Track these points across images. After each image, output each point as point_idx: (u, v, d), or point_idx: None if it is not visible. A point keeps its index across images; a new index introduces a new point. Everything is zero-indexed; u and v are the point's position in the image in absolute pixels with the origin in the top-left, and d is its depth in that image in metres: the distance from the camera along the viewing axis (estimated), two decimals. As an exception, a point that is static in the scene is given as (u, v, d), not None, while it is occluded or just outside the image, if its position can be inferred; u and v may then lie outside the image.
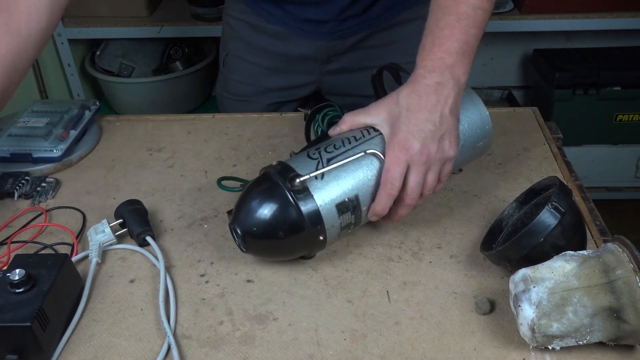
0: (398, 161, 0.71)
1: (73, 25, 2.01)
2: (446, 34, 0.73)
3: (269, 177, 0.72)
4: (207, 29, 1.99)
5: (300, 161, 0.73)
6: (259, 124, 1.08)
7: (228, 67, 1.19)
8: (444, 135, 0.72)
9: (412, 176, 0.72)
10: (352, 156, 0.73)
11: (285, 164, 0.73)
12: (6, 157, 0.96)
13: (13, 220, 0.87)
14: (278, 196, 0.71)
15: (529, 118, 1.05)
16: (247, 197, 0.73)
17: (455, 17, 0.73)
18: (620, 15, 1.94)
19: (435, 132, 0.71)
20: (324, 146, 0.75)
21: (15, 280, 0.66)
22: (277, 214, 0.70)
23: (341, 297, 0.73)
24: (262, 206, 0.71)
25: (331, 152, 0.73)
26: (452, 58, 0.72)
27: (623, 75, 2.06)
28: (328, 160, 0.72)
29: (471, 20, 0.73)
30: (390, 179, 0.71)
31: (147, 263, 0.79)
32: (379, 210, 0.73)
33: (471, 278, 0.75)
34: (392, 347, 0.67)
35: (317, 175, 0.71)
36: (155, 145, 1.03)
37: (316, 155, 0.73)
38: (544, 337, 0.62)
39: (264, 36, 1.10)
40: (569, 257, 0.64)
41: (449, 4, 0.74)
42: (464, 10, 0.73)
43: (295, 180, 0.70)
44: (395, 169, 0.71)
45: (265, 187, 0.72)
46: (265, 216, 0.71)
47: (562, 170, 0.92)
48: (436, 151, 0.72)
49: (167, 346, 0.67)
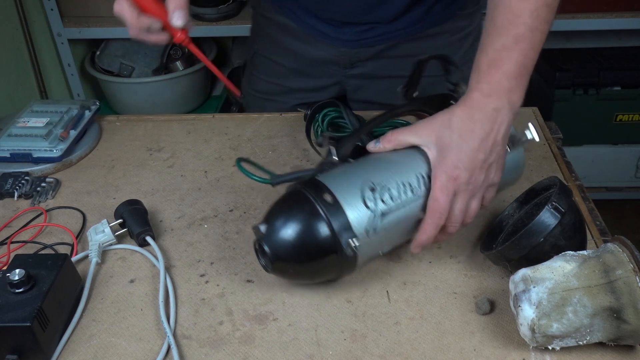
0: (447, 191, 0.68)
1: (73, 25, 2.01)
2: (504, 56, 0.69)
3: (317, 213, 0.67)
4: (207, 29, 1.99)
5: (352, 203, 0.68)
6: (259, 124, 1.08)
7: (255, 65, 1.19)
8: (492, 164, 0.70)
9: (457, 205, 0.70)
10: (409, 219, 0.70)
11: (337, 202, 0.67)
12: (6, 157, 0.96)
13: (13, 220, 0.87)
14: (322, 241, 0.67)
15: (529, 118, 1.05)
16: (287, 223, 0.68)
17: (512, 39, 0.69)
18: (620, 15, 1.94)
19: (485, 162, 0.69)
20: (379, 189, 0.69)
21: (15, 280, 0.66)
22: (317, 258, 0.68)
23: (341, 297, 0.73)
24: (302, 244, 0.67)
25: (387, 204, 0.68)
26: (509, 82, 0.69)
27: (623, 75, 2.06)
28: (383, 215, 0.68)
29: (528, 42, 0.70)
30: (439, 210, 0.69)
31: (147, 263, 0.79)
32: (426, 241, 0.71)
33: (471, 278, 0.75)
34: (392, 347, 0.67)
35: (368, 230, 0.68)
36: (155, 145, 1.03)
37: (372, 205, 0.68)
38: (543, 337, 0.62)
39: (289, 37, 1.10)
40: (569, 257, 0.64)
41: (506, 25, 0.70)
42: (522, 32, 0.69)
43: (346, 238, 0.66)
44: (443, 199, 0.68)
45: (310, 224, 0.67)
46: (301, 255, 0.68)
47: (562, 170, 0.92)
48: (483, 180, 0.70)
49: (167, 346, 0.67)
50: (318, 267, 0.69)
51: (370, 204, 0.68)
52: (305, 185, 0.69)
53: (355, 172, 0.71)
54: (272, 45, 1.14)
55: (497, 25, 0.71)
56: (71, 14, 2.02)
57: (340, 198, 0.67)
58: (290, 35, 1.09)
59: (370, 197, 0.68)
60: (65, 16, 2.02)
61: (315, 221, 0.67)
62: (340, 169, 0.73)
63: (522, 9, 0.69)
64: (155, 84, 2.08)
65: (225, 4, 1.96)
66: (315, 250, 0.67)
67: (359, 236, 0.67)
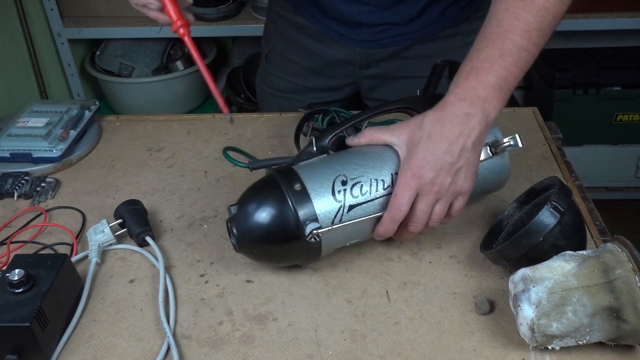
0: (408, 187, 0.69)
1: (73, 25, 2.01)
2: (485, 66, 0.70)
3: (284, 200, 0.69)
4: (207, 29, 1.99)
5: (321, 193, 0.70)
6: (259, 124, 1.08)
7: (270, 62, 1.20)
8: (460, 169, 0.70)
9: (420, 205, 0.70)
10: (375, 214, 0.71)
11: (305, 190, 0.70)
12: (6, 157, 0.96)
13: (13, 220, 0.87)
14: (287, 227, 0.69)
15: (529, 118, 1.05)
16: (256, 207, 0.71)
17: (498, 52, 0.70)
18: (620, 15, 1.94)
19: (452, 165, 0.69)
20: (350, 183, 0.71)
21: (15, 280, 0.66)
22: (281, 243, 0.70)
23: (341, 297, 0.73)
24: (267, 228, 0.70)
25: (357, 198, 0.70)
26: (485, 91, 0.70)
27: (623, 75, 2.06)
28: (350, 208, 0.70)
29: (513, 59, 0.70)
30: (397, 204, 0.70)
31: (147, 263, 0.79)
32: (382, 233, 0.73)
33: (471, 278, 0.75)
34: (391, 347, 0.67)
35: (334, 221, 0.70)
36: (155, 145, 1.03)
37: (340, 197, 0.70)
38: (543, 337, 0.62)
39: (304, 37, 1.11)
40: (568, 257, 0.64)
41: (494, 38, 0.71)
42: (509, 48, 0.70)
43: (311, 227, 0.68)
44: (403, 195, 0.69)
45: (276, 210, 0.70)
46: (266, 239, 0.71)
47: (562, 170, 0.92)
48: (449, 184, 0.70)
49: (166, 346, 0.67)
50: (283, 252, 0.72)
51: (339, 196, 0.70)
52: (279, 173, 0.72)
53: (330, 164, 0.73)
54: (288, 44, 1.14)
55: (486, 37, 0.72)
56: (71, 14, 2.02)
57: (309, 187, 0.70)
58: (307, 35, 1.10)
59: (340, 189, 0.70)
60: (65, 16, 2.02)
61: (282, 208, 0.69)
62: (318, 160, 0.75)
63: (513, 26, 0.70)
64: (155, 84, 2.08)
65: (225, 4, 1.96)
66: (280, 235, 0.70)
67: (323, 225, 0.69)
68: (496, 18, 0.72)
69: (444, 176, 0.69)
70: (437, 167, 0.69)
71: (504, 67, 0.70)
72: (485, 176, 0.78)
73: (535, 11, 0.71)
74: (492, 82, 0.70)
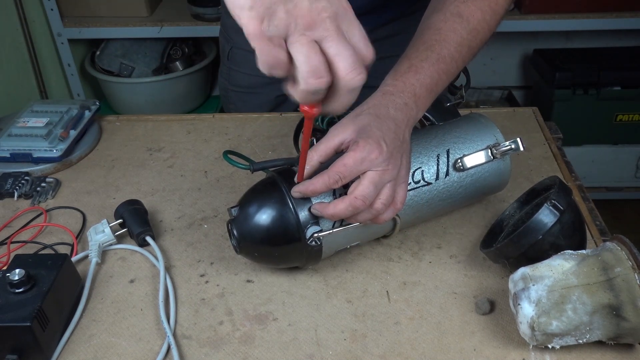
0: (360, 154, 0.65)
1: (73, 25, 2.02)
2: (424, 67, 0.72)
3: (285, 202, 0.69)
4: (207, 29, 1.99)
5: (322, 195, 0.69)
6: (259, 124, 1.08)
7: (233, 60, 1.19)
8: (403, 154, 0.69)
9: (371, 177, 0.66)
10: None
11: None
12: (6, 157, 0.96)
13: (13, 220, 0.87)
14: (288, 230, 0.69)
15: (529, 118, 1.05)
16: (256, 209, 0.70)
17: (436, 57, 0.73)
18: (620, 15, 1.94)
19: (401, 147, 0.68)
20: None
21: (15, 280, 0.66)
22: (282, 245, 0.70)
23: (341, 297, 0.73)
24: (267, 230, 0.69)
25: None
26: (421, 90, 0.71)
27: (623, 75, 2.07)
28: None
29: (445, 67, 0.73)
30: (341, 165, 0.65)
31: (147, 263, 0.79)
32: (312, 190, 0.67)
33: (471, 278, 0.75)
34: (392, 347, 0.67)
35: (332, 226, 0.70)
36: (155, 145, 1.03)
37: None
38: (543, 336, 0.62)
39: None
40: (567, 256, 0.64)
41: (433, 44, 0.73)
42: (444, 55, 0.73)
43: (312, 229, 0.68)
44: (349, 158, 0.65)
45: (277, 212, 0.69)
46: (266, 241, 0.70)
47: (562, 170, 0.92)
48: (399, 169, 0.68)
49: (166, 346, 0.67)
50: (283, 254, 0.72)
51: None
52: (280, 175, 0.72)
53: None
54: None
55: (425, 41, 0.74)
56: (71, 14, 2.02)
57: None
58: None
59: (341, 191, 0.70)
60: (65, 16, 2.02)
61: (283, 210, 0.69)
62: None
63: (450, 37, 0.74)
64: (155, 84, 2.09)
65: (225, 4, 1.96)
66: (280, 237, 0.70)
67: (324, 228, 0.69)
68: (435, 27, 0.75)
69: (396, 157, 0.68)
70: (393, 145, 0.67)
71: (438, 71, 0.73)
72: (486, 179, 0.78)
73: (469, 29, 0.75)
74: (427, 83, 0.72)
